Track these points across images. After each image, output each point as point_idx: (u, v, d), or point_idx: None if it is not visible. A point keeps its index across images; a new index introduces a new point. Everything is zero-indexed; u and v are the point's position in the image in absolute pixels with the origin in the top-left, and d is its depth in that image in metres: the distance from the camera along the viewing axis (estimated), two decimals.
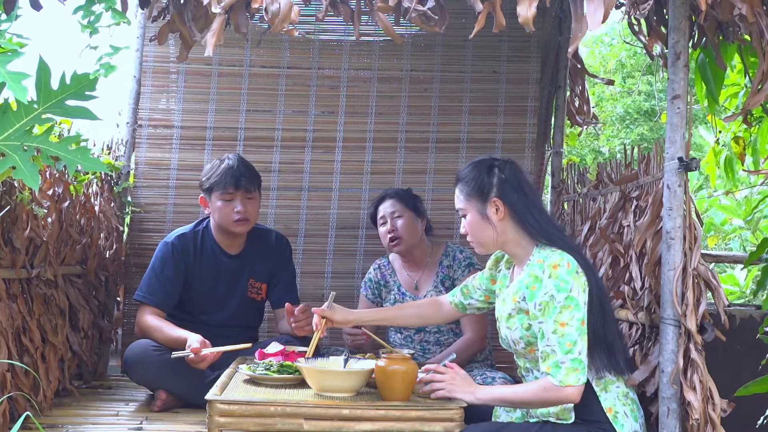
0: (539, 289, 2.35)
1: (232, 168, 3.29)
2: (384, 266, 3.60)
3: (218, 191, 3.28)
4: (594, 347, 2.39)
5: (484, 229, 2.49)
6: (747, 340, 3.44)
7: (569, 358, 2.29)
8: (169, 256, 3.33)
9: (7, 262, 2.85)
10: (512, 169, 2.53)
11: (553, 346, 2.31)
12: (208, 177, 3.32)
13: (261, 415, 2.33)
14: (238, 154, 3.41)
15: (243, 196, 3.29)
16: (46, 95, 2.08)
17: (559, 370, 2.30)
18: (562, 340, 2.30)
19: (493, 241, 2.50)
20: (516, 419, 2.53)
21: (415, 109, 4.17)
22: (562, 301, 2.31)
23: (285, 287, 3.48)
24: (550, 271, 2.35)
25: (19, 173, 2.05)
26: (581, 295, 2.34)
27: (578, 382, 2.30)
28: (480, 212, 2.48)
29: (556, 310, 2.32)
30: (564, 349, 2.30)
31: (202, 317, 3.38)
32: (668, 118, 2.42)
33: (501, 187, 2.47)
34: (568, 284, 2.32)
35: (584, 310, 2.34)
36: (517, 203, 2.47)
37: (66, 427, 2.83)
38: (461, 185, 2.53)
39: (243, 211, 3.28)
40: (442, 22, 2.32)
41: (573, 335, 2.30)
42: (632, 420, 2.39)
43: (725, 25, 2.69)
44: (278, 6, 2.28)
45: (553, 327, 2.31)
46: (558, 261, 2.36)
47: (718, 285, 2.41)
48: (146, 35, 4.01)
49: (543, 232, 2.45)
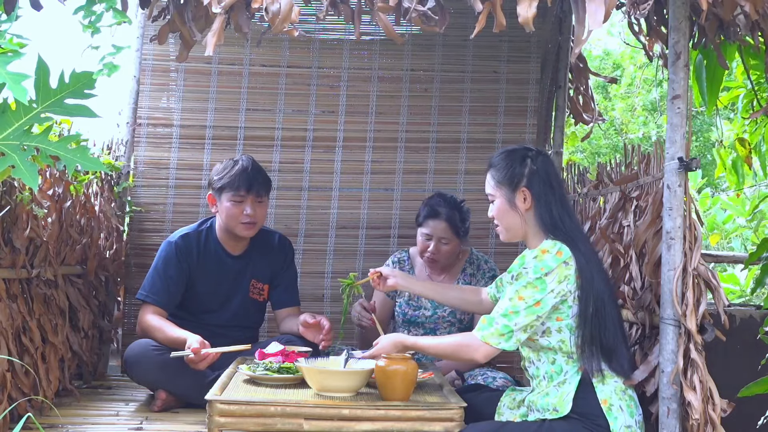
0: (520, 264, 2.46)
1: (246, 170, 3.29)
2: (404, 261, 3.58)
3: (230, 192, 3.27)
4: (586, 348, 2.42)
5: (511, 216, 2.56)
6: (747, 340, 3.43)
7: (503, 323, 2.40)
8: (173, 255, 3.32)
9: (7, 262, 2.85)
10: (544, 161, 2.58)
11: (500, 307, 2.43)
12: (221, 176, 3.31)
13: (261, 415, 2.33)
14: (251, 156, 3.41)
15: (253, 199, 3.29)
16: (45, 94, 2.08)
17: (489, 327, 2.41)
18: (509, 306, 2.40)
19: (519, 229, 2.57)
20: (520, 416, 2.54)
21: (415, 109, 4.17)
22: (532, 279, 2.40)
23: (286, 288, 3.48)
24: (537, 253, 2.44)
25: (18, 173, 2.04)
26: (553, 283, 2.39)
27: (497, 345, 2.40)
28: (508, 200, 2.55)
29: (522, 283, 2.42)
30: (504, 313, 2.40)
31: (203, 317, 3.38)
32: (668, 118, 2.42)
33: (531, 177, 2.54)
34: (547, 268, 2.40)
35: (547, 296, 2.39)
36: (544, 196, 2.53)
37: (66, 427, 2.83)
38: (493, 171, 2.60)
39: (252, 214, 3.28)
40: (442, 22, 2.32)
41: (519, 308, 2.39)
42: (627, 415, 2.40)
43: (726, 25, 2.68)
44: (279, 6, 2.28)
45: (512, 295, 2.42)
46: (549, 247, 2.44)
47: (718, 285, 2.41)
48: (146, 35, 4.01)
49: (555, 228, 2.49)
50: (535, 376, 2.54)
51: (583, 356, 2.43)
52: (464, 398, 2.51)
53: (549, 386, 2.48)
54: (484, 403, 2.68)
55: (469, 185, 4.11)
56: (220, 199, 3.31)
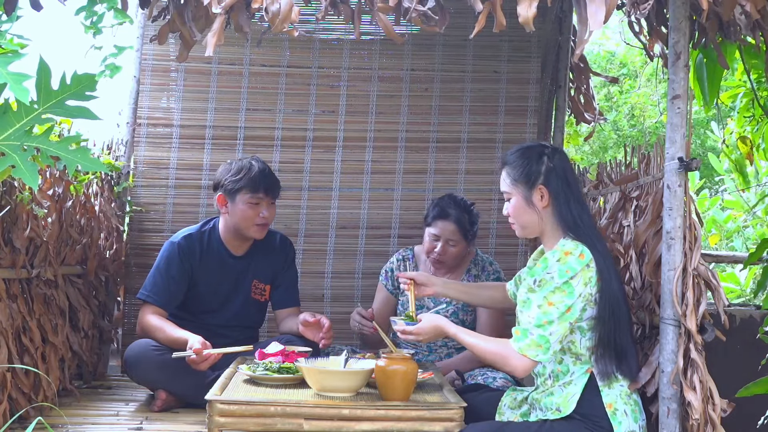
0: (544, 268, 2.40)
1: (263, 173, 3.28)
2: (408, 258, 3.58)
3: (247, 194, 3.25)
4: (600, 351, 2.41)
5: (528, 214, 2.52)
6: (747, 340, 3.43)
7: (538, 333, 2.35)
8: (175, 256, 3.32)
9: (7, 262, 2.85)
10: (561, 158, 2.55)
11: (531, 317, 2.37)
12: (238, 178, 3.27)
13: (261, 415, 2.33)
14: (259, 157, 3.39)
15: (269, 201, 3.30)
16: (47, 95, 2.08)
17: (524, 339, 2.36)
18: (541, 315, 2.36)
19: (535, 226, 2.54)
20: (521, 414, 2.54)
21: (415, 109, 4.17)
22: (559, 283, 2.36)
23: (287, 289, 3.48)
24: (560, 256, 2.39)
25: (18, 172, 2.05)
26: (580, 286, 2.36)
27: (535, 357, 2.36)
28: (525, 198, 2.51)
29: (549, 289, 2.37)
30: (538, 323, 2.36)
31: (204, 317, 3.38)
32: (668, 118, 2.42)
33: (548, 175, 2.50)
34: (573, 271, 2.36)
35: (576, 301, 2.36)
36: (562, 193, 2.49)
37: (66, 427, 2.83)
38: (508, 169, 2.55)
39: (267, 216, 3.29)
40: (442, 22, 2.32)
41: (552, 315, 2.35)
42: (631, 420, 2.39)
43: (726, 25, 2.68)
44: (278, 6, 2.28)
45: (540, 302, 2.37)
46: (572, 249, 2.39)
47: (718, 285, 2.41)
48: (146, 35, 4.01)
49: (576, 227, 2.46)
50: (540, 375, 2.53)
51: (597, 358, 2.42)
52: (464, 398, 2.51)
53: (554, 385, 2.47)
54: (484, 403, 2.68)
55: (470, 185, 4.12)
56: (234, 201, 3.28)
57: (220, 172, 3.36)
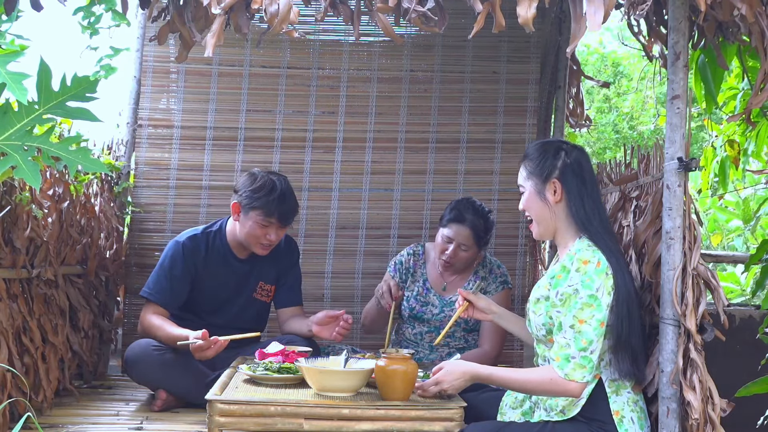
0: (564, 280, 2.39)
1: (282, 198, 3.20)
2: (418, 255, 3.57)
3: (260, 216, 3.20)
4: (618, 352, 2.40)
5: (541, 208, 2.52)
6: (747, 340, 3.44)
7: (581, 355, 2.33)
8: (180, 256, 3.31)
9: (7, 262, 2.85)
10: (579, 156, 2.54)
11: (568, 339, 2.35)
12: (256, 195, 3.20)
13: (261, 415, 2.33)
14: (286, 177, 3.31)
15: (279, 227, 3.26)
16: (47, 96, 2.08)
17: (567, 364, 2.34)
18: (578, 336, 2.33)
19: (549, 221, 2.52)
20: (523, 413, 2.54)
21: (415, 109, 4.17)
22: (585, 298, 2.34)
23: (290, 289, 3.48)
24: (578, 265, 2.38)
25: (20, 172, 2.05)
26: (605, 296, 2.35)
27: (582, 379, 2.34)
28: (537, 191, 2.51)
29: (577, 305, 2.35)
30: (579, 346, 2.33)
31: (206, 317, 3.37)
32: (668, 118, 2.43)
33: (563, 170, 2.50)
34: (594, 283, 2.35)
35: (605, 312, 2.35)
36: (574, 190, 2.49)
37: (66, 427, 2.83)
38: (526, 162, 2.56)
39: (273, 240, 3.26)
40: (441, 23, 2.32)
41: (590, 334, 2.33)
42: (638, 427, 2.39)
43: (725, 26, 2.69)
44: (277, 7, 2.28)
45: (571, 321, 2.35)
46: (589, 257, 2.38)
47: (718, 285, 2.41)
48: (146, 35, 4.02)
49: (589, 226, 2.46)
50: None
51: (611, 362, 2.41)
52: (464, 398, 2.51)
53: None
54: (485, 403, 2.68)
55: (469, 185, 4.12)
56: (247, 215, 3.23)
57: (243, 180, 3.29)
